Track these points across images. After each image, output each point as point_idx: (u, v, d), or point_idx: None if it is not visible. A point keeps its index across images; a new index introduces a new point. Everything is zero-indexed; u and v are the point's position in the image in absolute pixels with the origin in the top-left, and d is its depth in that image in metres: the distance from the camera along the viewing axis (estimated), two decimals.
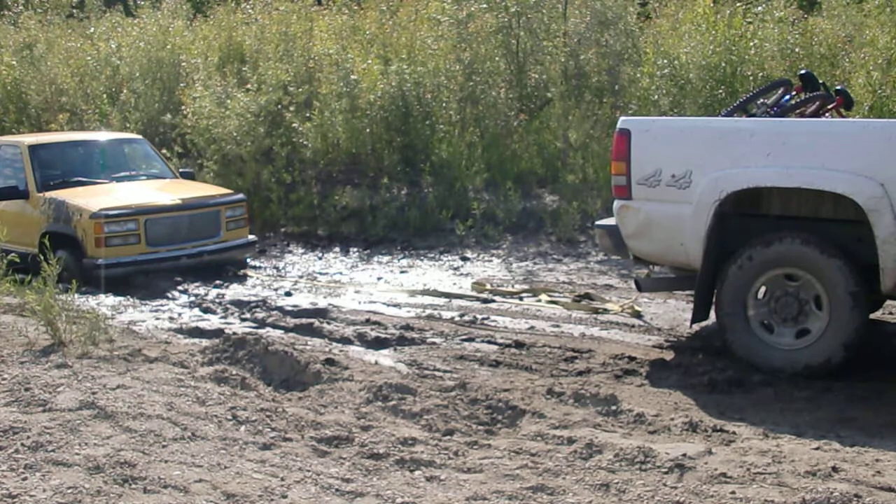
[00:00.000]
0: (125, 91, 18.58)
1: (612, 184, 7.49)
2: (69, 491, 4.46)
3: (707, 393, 6.45)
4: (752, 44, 13.62)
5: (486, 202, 13.76)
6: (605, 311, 9.04)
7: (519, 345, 7.76)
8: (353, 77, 15.37)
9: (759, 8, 14.38)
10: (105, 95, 19.12)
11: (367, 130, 15.22)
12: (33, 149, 12.26)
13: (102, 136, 14.39)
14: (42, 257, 8.06)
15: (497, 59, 15.61)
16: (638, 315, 8.84)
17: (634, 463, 4.85)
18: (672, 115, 13.23)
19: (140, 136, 14.45)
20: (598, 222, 8.27)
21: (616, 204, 7.49)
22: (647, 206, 7.21)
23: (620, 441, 5.15)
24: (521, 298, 9.74)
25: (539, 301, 9.57)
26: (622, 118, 7.67)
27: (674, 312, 8.95)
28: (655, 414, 5.74)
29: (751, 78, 13.32)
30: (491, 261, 12.15)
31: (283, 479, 4.69)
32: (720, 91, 13.17)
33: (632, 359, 7.25)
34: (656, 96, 13.63)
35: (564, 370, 7.03)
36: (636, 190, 7.23)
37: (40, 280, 7.65)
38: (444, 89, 15.41)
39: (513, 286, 10.42)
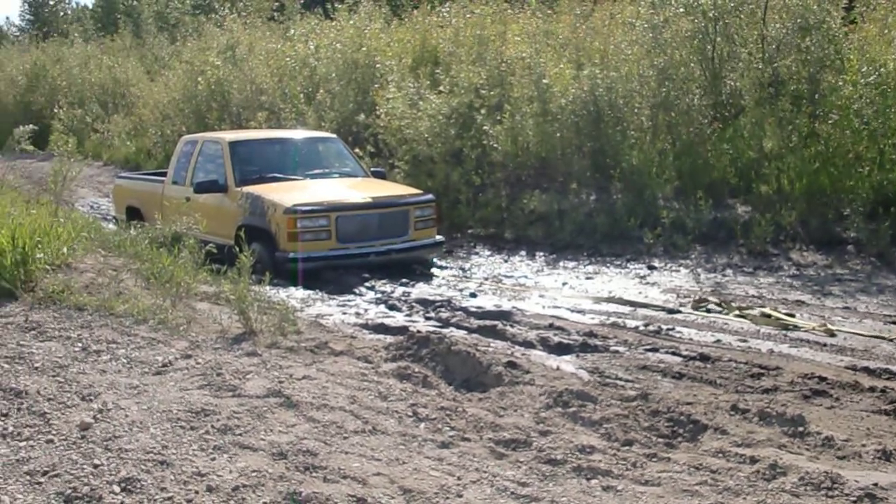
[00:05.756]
0: (321, 91, 19.13)
1: None
2: (253, 474, 4.61)
3: None
4: None
5: (676, 211, 13.50)
6: (796, 327, 8.73)
7: (704, 358, 7.57)
8: (544, 81, 15.37)
9: None
10: (302, 95, 19.74)
11: (558, 135, 15.18)
12: (233, 145, 12.75)
13: (298, 134, 14.87)
14: (237, 249, 8.40)
15: (692, 64, 15.29)
16: (831, 334, 8.49)
17: (820, 489, 4.66)
18: (876, 126, 12.68)
19: (334, 135, 14.86)
20: None
21: None
22: None
23: (806, 464, 4.96)
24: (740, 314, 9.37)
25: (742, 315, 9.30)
26: None
27: (870, 333, 8.57)
28: (845, 439, 5.50)
29: None
30: (678, 271, 11.93)
31: (459, 479, 4.73)
32: None
33: (822, 379, 6.95)
34: (857, 105, 13.06)
35: (750, 386, 6.82)
36: None
37: (235, 271, 7.96)
38: (636, 95, 15.21)
39: (727, 301, 10.16)
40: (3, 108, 37.12)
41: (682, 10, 15.27)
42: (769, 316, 9.16)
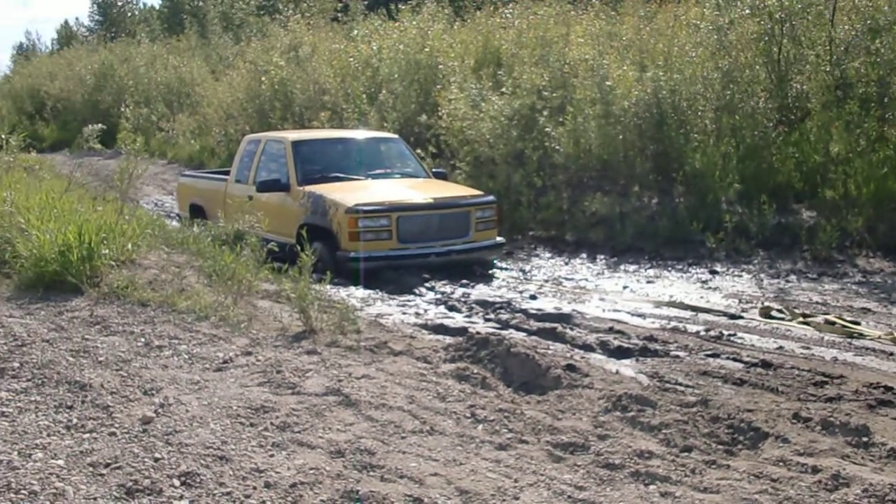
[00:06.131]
0: (384, 91, 19.23)
1: None
2: (311, 471, 4.64)
3: None
4: None
5: (739, 215, 13.34)
6: (861, 335, 8.57)
7: (766, 364, 7.45)
8: (607, 83, 15.28)
9: None
10: (364, 95, 19.85)
11: (620, 137, 15.09)
12: (296, 145, 12.85)
13: (360, 134, 14.94)
14: (299, 248, 8.46)
15: (757, 67, 15.10)
16: None
17: (885, 501, 4.56)
18: None
19: (396, 136, 14.91)
20: None
21: None
22: None
23: (870, 476, 4.87)
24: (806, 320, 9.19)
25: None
26: None
27: None
28: None
29: None
30: (741, 276, 11.78)
31: (516, 481, 4.72)
32: None
33: (888, 389, 6.79)
34: None
35: (813, 395, 6.70)
36: None
37: (296, 269, 8.02)
38: (700, 97, 15.06)
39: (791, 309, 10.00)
40: (72, 107, 37.91)
41: (747, 11, 15.10)
42: (833, 323, 9.00)
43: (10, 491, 4.33)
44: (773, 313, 9.51)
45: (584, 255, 13.55)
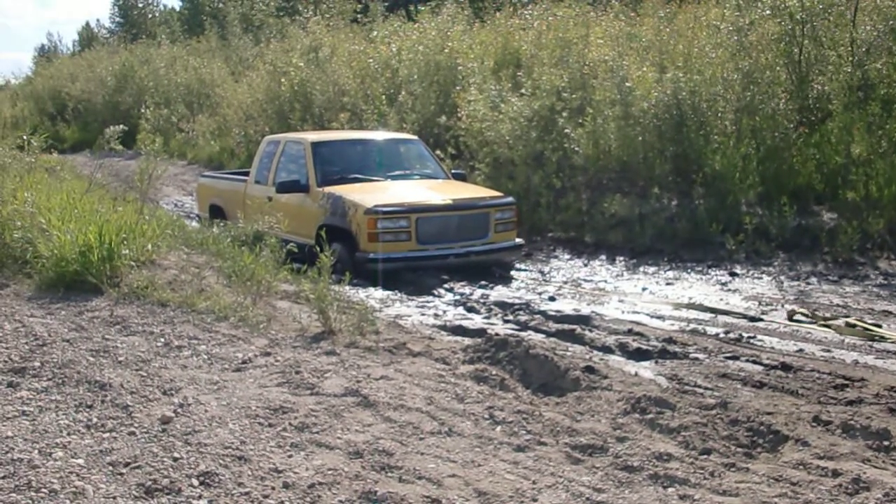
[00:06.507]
0: (403, 93, 19.24)
1: None
2: (329, 472, 4.65)
3: None
4: None
5: (759, 217, 13.28)
6: (883, 338, 8.52)
7: (786, 367, 7.41)
8: (627, 84, 15.23)
9: None
10: (384, 96, 19.86)
11: (640, 138, 15.02)
12: (315, 146, 12.86)
13: (380, 135, 14.96)
14: (318, 249, 8.48)
15: (778, 68, 15.03)
16: None
17: None
18: None
19: (415, 137, 14.91)
20: None
21: None
22: None
23: (891, 480, 4.83)
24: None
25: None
26: None
27: None
28: None
29: None
30: (761, 278, 11.73)
31: (534, 483, 4.71)
32: None
33: None
34: None
35: (833, 398, 6.66)
36: None
37: (315, 270, 8.04)
38: (720, 99, 14.99)
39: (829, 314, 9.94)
40: (93, 108, 38.15)
41: (768, 12, 15.03)
42: (854, 326, 8.94)
43: (30, 489, 4.36)
44: (797, 316, 9.45)
45: (603, 257, 13.52)
